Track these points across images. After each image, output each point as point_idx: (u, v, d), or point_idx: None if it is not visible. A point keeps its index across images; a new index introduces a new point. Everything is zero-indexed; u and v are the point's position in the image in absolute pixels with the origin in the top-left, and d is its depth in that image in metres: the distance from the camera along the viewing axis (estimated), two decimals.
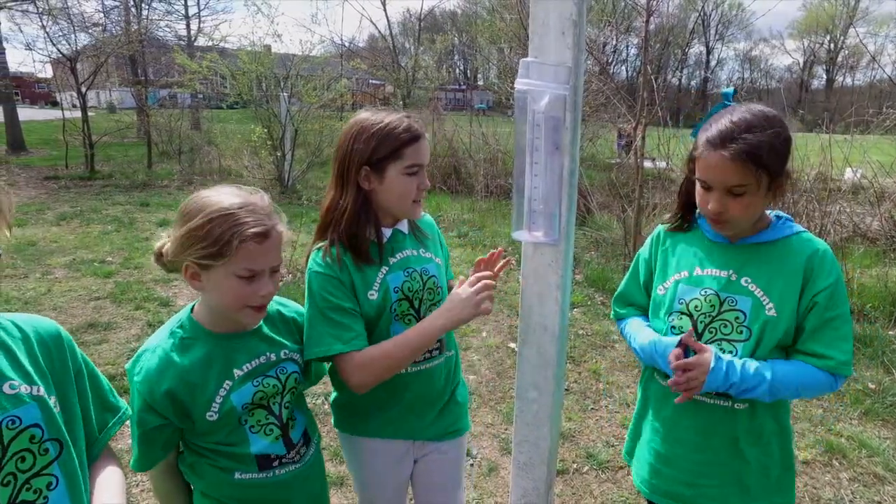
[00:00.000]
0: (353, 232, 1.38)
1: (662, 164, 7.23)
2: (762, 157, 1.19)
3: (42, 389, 0.91)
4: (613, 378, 3.67)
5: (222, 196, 1.16)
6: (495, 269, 1.47)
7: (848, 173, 6.74)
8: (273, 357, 1.27)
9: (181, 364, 1.17)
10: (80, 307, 4.59)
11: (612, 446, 2.93)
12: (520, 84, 1.33)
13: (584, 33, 1.34)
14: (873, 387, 3.48)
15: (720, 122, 1.26)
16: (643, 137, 5.66)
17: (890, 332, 4.18)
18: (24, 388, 0.88)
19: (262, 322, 1.28)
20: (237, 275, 1.12)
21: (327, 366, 1.51)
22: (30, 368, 0.92)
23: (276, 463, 1.27)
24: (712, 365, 1.26)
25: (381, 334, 1.43)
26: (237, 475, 1.24)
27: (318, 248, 1.40)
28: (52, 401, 0.92)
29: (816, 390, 1.29)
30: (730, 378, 1.26)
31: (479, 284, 1.33)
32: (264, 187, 1.28)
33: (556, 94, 1.29)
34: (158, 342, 1.21)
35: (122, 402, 1.12)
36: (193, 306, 1.26)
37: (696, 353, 1.31)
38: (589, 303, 4.97)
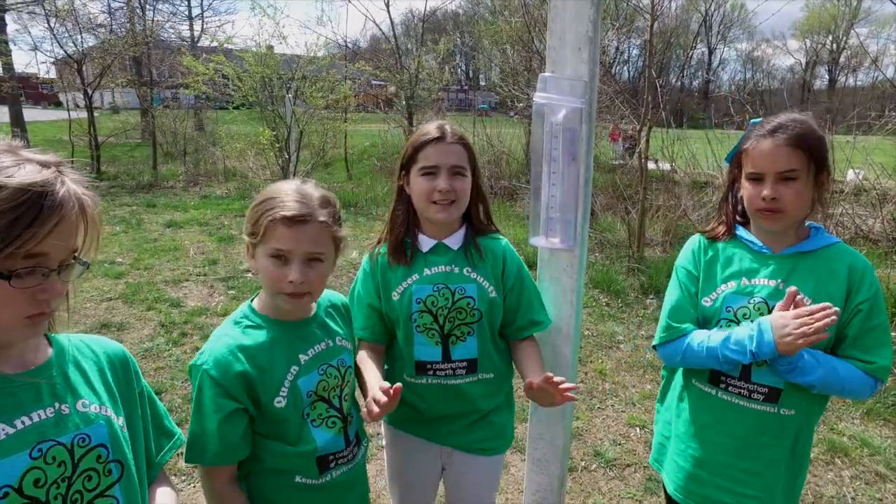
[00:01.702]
0: (391, 228, 1.53)
1: (666, 166, 7.29)
2: (809, 142, 1.30)
3: (110, 409, 0.94)
4: (619, 378, 3.73)
5: (280, 184, 1.24)
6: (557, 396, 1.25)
7: (850, 175, 6.80)
8: (330, 343, 1.31)
9: (250, 347, 1.21)
10: (93, 308, 4.66)
11: (619, 444, 2.99)
12: (538, 97, 1.40)
13: (598, 49, 1.41)
14: None
15: (769, 121, 1.36)
16: (647, 139, 5.71)
17: (893, 334, 4.23)
18: (94, 408, 0.91)
19: (317, 311, 1.34)
20: (268, 255, 1.18)
21: None
22: (100, 388, 0.95)
23: (332, 464, 1.29)
24: None
25: (406, 342, 1.49)
26: (297, 478, 1.25)
27: (373, 247, 1.56)
28: (119, 421, 0.94)
29: (856, 389, 1.33)
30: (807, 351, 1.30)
31: (370, 399, 1.21)
32: None
33: (573, 108, 1.36)
34: (223, 332, 1.24)
35: (177, 429, 1.14)
36: (253, 299, 1.31)
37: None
38: (594, 304, 5.03)
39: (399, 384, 1.18)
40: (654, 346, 1.53)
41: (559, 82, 1.38)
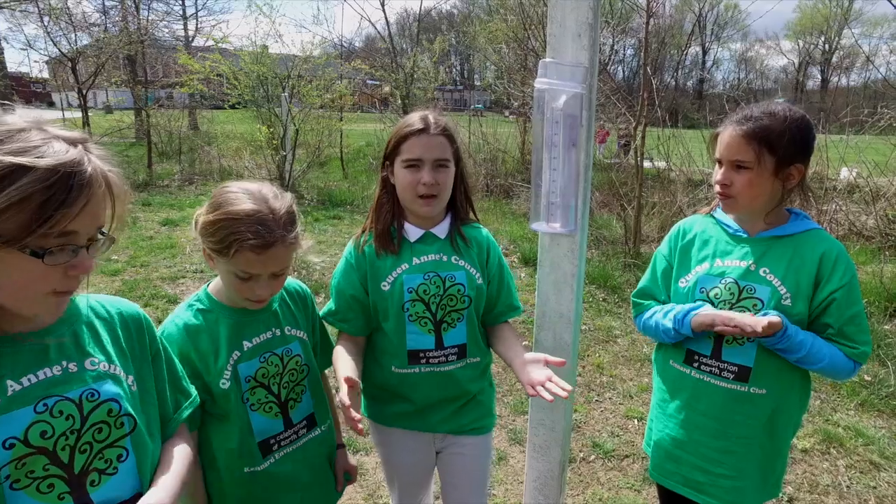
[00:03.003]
0: (377, 217, 1.52)
1: (661, 165, 7.33)
2: (769, 136, 1.32)
3: (119, 368, 0.97)
4: (616, 371, 3.75)
5: (241, 199, 1.19)
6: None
7: (843, 173, 6.86)
8: (277, 332, 1.34)
9: (195, 330, 1.27)
10: None
11: (617, 436, 3.01)
12: (539, 83, 1.41)
13: (598, 35, 1.42)
14: (869, 379, 3.57)
15: (746, 108, 1.38)
16: (643, 137, 5.74)
17: (885, 327, 4.28)
18: (102, 366, 0.95)
19: (272, 300, 1.36)
20: (235, 274, 1.21)
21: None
22: (110, 348, 0.98)
23: (275, 447, 1.34)
24: (785, 323, 1.32)
25: (397, 332, 1.49)
26: (245, 469, 1.31)
27: (357, 237, 1.53)
28: (128, 380, 0.99)
29: (838, 369, 1.36)
30: (798, 335, 1.33)
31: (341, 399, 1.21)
32: None
33: (573, 93, 1.37)
34: (176, 314, 1.31)
35: (193, 389, 1.19)
36: (210, 284, 1.35)
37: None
38: (591, 299, 5.05)
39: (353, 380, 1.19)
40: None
41: (560, 68, 1.39)
